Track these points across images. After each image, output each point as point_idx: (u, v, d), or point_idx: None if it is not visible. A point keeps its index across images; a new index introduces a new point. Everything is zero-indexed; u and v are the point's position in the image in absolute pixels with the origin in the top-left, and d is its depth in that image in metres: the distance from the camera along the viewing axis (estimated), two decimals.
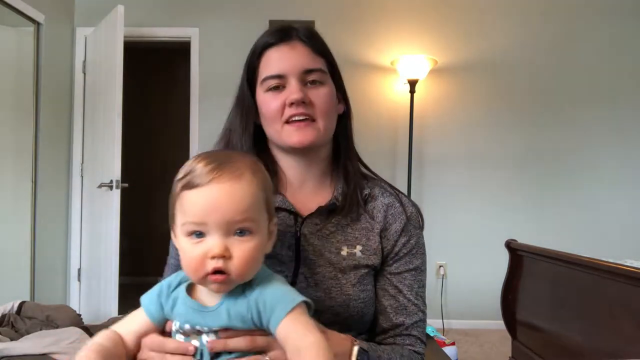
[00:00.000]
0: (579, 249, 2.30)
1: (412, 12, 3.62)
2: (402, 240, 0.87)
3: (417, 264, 0.88)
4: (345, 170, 0.90)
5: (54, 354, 1.86)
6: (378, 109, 3.59)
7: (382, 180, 0.95)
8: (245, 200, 0.61)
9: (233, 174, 0.62)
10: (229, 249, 0.60)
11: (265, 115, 0.85)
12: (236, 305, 0.63)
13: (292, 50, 0.84)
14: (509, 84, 3.61)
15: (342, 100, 0.92)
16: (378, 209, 0.89)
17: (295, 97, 0.81)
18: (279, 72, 0.83)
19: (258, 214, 0.63)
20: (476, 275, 3.48)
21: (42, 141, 3.16)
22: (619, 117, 3.57)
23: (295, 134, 0.82)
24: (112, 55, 3.10)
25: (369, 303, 0.85)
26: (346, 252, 0.84)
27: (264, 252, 0.65)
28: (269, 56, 0.85)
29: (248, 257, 0.61)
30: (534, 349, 2.30)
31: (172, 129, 4.60)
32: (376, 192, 0.91)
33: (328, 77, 0.87)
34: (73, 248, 3.50)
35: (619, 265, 1.81)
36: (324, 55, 0.87)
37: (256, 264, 0.63)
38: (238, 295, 0.63)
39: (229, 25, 3.57)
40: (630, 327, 1.66)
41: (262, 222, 0.64)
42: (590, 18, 3.61)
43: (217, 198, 0.60)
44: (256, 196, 0.63)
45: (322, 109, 0.83)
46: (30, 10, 2.99)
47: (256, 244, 0.62)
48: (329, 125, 0.86)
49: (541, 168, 3.58)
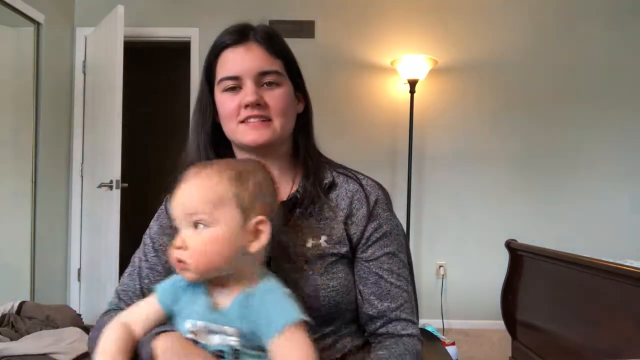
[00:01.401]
0: (579, 249, 2.30)
1: (412, 12, 3.62)
2: (372, 225, 0.87)
3: (393, 248, 0.88)
4: (305, 166, 0.91)
5: (54, 354, 1.86)
6: (378, 109, 3.59)
7: (348, 169, 0.95)
8: (197, 196, 0.66)
9: (198, 174, 0.68)
10: (185, 241, 0.65)
11: (222, 114, 0.88)
12: (247, 308, 0.65)
13: (248, 51, 0.85)
14: (508, 84, 3.61)
15: (302, 99, 0.94)
16: (342, 196, 0.89)
17: (249, 99, 0.83)
18: (235, 73, 0.84)
19: (213, 208, 0.65)
20: (476, 275, 3.47)
21: (42, 141, 3.16)
22: (618, 116, 3.57)
23: (250, 133, 0.84)
24: (112, 55, 3.10)
25: (341, 291, 0.84)
26: (311, 244, 0.84)
27: (227, 247, 0.66)
28: (225, 57, 0.87)
29: (199, 249, 0.65)
30: (534, 349, 2.30)
31: (172, 129, 4.60)
32: (339, 181, 0.91)
33: (284, 78, 0.88)
34: (73, 248, 3.50)
35: (619, 265, 1.81)
36: (280, 56, 0.88)
37: (211, 257, 0.65)
38: (250, 299, 0.65)
39: (229, 25, 3.57)
40: (630, 327, 1.66)
41: (222, 217, 0.66)
42: (590, 18, 3.61)
43: (180, 194, 0.68)
44: (215, 192, 0.66)
45: (277, 110, 0.85)
46: (30, 10, 2.99)
47: (210, 237, 0.65)
48: (286, 124, 0.87)
49: (541, 168, 3.58)
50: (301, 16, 3.54)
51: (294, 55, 0.91)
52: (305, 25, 3.56)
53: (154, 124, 4.91)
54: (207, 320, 0.66)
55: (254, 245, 0.67)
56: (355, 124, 3.54)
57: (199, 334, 0.66)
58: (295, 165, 0.93)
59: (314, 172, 0.90)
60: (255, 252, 0.67)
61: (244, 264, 0.68)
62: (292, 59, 0.90)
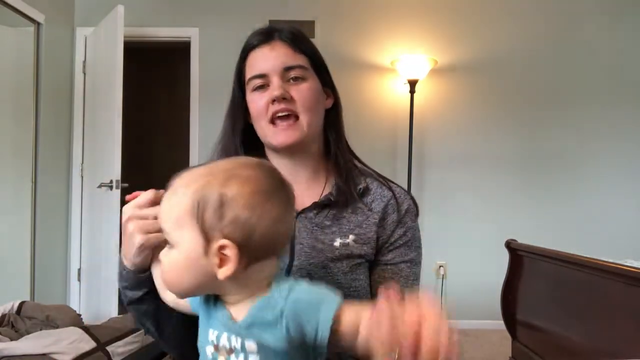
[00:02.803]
0: (579, 249, 2.29)
1: (412, 12, 3.62)
2: (399, 231, 0.90)
3: (412, 256, 0.90)
4: (337, 163, 0.92)
5: (54, 354, 1.86)
6: (378, 109, 3.59)
7: (377, 173, 0.97)
8: (163, 212, 0.60)
9: (172, 185, 0.60)
10: (161, 259, 0.62)
11: (253, 114, 0.89)
12: (263, 319, 0.56)
13: (273, 50, 0.88)
14: (508, 84, 3.61)
15: (330, 95, 0.95)
16: (377, 201, 0.91)
17: (276, 93, 0.84)
18: (261, 71, 0.87)
19: (174, 228, 0.58)
20: (476, 275, 3.47)
21: (42, 141, 3.16)
22: (618, 117, 3.57)
23: (279, 134, 0.86)
24: (112, 55, 3.09)
25: (361, 293, 0.86)
26: (339, 243, 0.86)
27: (186, 273, 0.58)
28: (252, 57, 0.90)
29: (164, 269, 0.61)
30: (534, 349, 2.29)
31: (172, 128, 4.60)
32: (373, 186, 0.93)
33: (310, 72, 0.89)
34: (73, 248, 3.50)
35: (619, 265, 1.81)
36: (305, 52, 0.90)
37: (174, 278, 0.60)
38: (266, 309, 0.57)
39: (229, 25, 3.56)
40: (630, 327, 1.66)
41: (181, 239, 0.58)
42: (590, 18, 3.61)
43: None
44: (176, 210, 0.58)
45: (304, 104, 0.86)
46: (30, 10, 2.99)
47: (169, 260, 0.59)
48: (314, 120, 0.88)
49: (541, 168, 3.58)
50: (301, 16, 3.54)
51: (319, 52, 0.93)
52: (305, 25, 3.55)
53: (154, 123, 4.90)
54: (230, 332, 0.59)
55: (221, 272, 0.55)
56: (355, 124, 3.51)
57: (221, 351, 0.60)
58: (327, 164, 0.94)
59: (347, 173, 0.91)
60: (224, 279, 0.56)
61: (234, 285, 0.58)
62: (317, 55, 0.93)
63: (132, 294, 0.77)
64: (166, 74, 4.81)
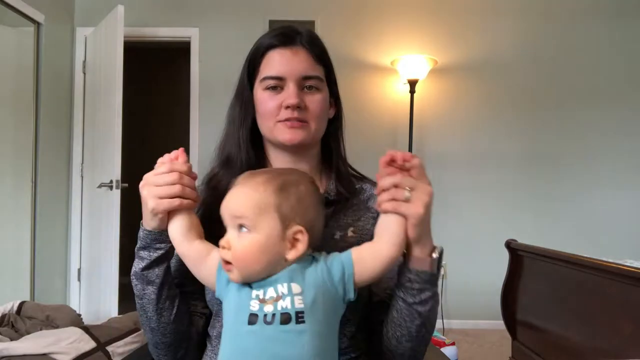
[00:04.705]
0: (579, 249, 2.30)
1: (412, 12, 3.62)
2: None
3: None
4: (338, 170, 0.95)
5: (54, 354, 1.86)
6: (378, 109, 3.59)
7: (372, 181, 1.00)
8: (242, 202, 0.71)
9: (247, 181, 0.73)
10: (229, 242, 0.70)
11: (261, 112, 0.90)
12: (304, 264, 0.71)
13: (295, 55, 0.88)
14: (509, 84, 3.61)
15: (334, 105, 0.97)
16: (373, 200, 0.93)
17: (292, 101, 0.86)
18: (279, 74, 0.87)
19: (255, 215, 0.70)
20: (476, 275, 3.47)
21: (42, 141, 3.16)
22: (619, 117, 3.57)
23: (287, 132, 0.87)
24: (112, 55, 3.09)
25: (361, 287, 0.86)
26: (338, 236, 0.89)
27: (266, 253, 0.69)
28: (271, 57, 0.90)
29: (241, 250, 0.69)
30: (534, 349, 2.29)
31: (172, 128, 4.60)
32: (367, 187, 0.97)
33: (324, 84, 0.92)
34: (73, 248, 3.50)
35: (619, 265, 1.80)
36: (323, 62, 0.92)
37: (251, 259, 0.69)
38: (305, 261, 0.72)
39: (229, 25, 3.57)
40: (630, 327, 1.66)
41: (262, 224, 0.70)
42: (590, 18, 3.61)
43: (229, 197, 0.73)
44: (259, 201, 0.70)
45: (315, 114, 0.89)
46: (30, 10, 3.00)
47: (249, 242, 0.69)
48: (320, 127, 0.91)
49: (541, 168, 3.58)
50: (301, 16, 3.54)
51: (332, 63, 0.95)
52: (306, 25, 3.56)
53: (154, 124, 4.90)
54: (275, 282, 0.70)
55: (291, 253, 0.70)
56: (355, 124, 3.52)
57: (267, 301, 0.68)
58: (323, 167, 0.98)
59: (344, 177, 0.95)
60: (293, 259, 0.70)
61: (286, 266, 0.72)
62: (331, 66, 0.95)
63: (146, 254, 0.80)
64: (166, 74, 4.81)
